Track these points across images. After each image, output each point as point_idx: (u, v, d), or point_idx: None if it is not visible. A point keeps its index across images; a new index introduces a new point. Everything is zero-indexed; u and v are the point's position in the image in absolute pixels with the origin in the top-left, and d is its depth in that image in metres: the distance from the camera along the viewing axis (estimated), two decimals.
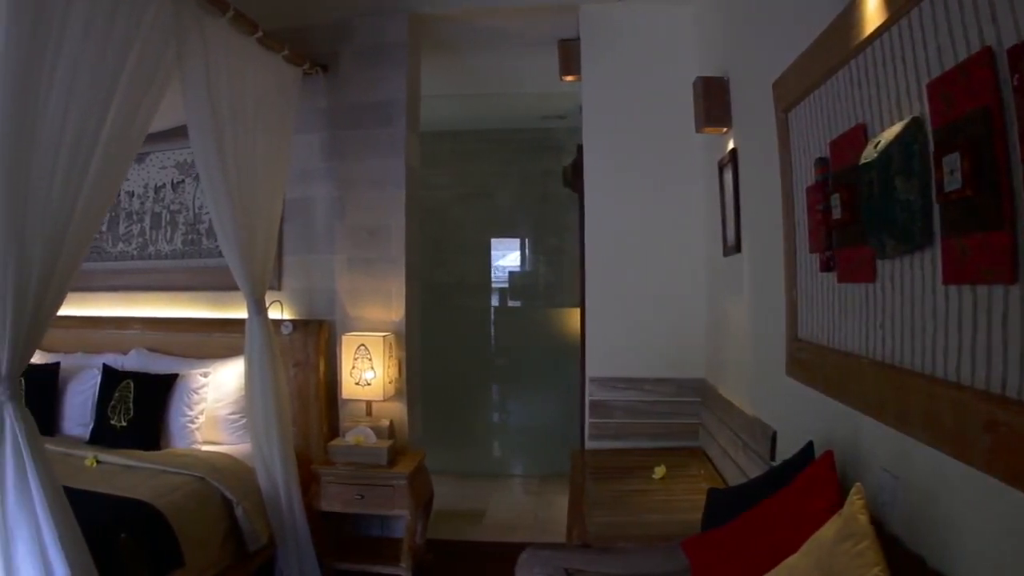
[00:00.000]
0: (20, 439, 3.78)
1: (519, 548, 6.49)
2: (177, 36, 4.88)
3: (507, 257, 11.51)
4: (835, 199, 3.31)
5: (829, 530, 2.62)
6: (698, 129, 5.84)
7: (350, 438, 6.57)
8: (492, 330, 10.95)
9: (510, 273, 11.46)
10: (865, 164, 2.93)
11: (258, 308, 6.18)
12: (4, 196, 3.59)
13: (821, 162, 3.58)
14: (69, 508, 3.93)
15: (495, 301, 11.41)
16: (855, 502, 2.56)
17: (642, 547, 4.08)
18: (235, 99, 5.63)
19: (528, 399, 10.55)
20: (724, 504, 3.82)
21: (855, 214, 3.13)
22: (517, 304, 11.45)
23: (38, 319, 3.91)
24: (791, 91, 4.03)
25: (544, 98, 9.65)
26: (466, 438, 10.21)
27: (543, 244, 11.26)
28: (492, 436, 10.88)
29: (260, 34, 5.88)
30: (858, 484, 2.65)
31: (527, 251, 11.48)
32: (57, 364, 7.08)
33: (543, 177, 10.88)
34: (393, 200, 7.01)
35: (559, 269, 11.06)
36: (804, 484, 3.18)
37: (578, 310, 9.15)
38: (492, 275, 11.37)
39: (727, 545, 3.34)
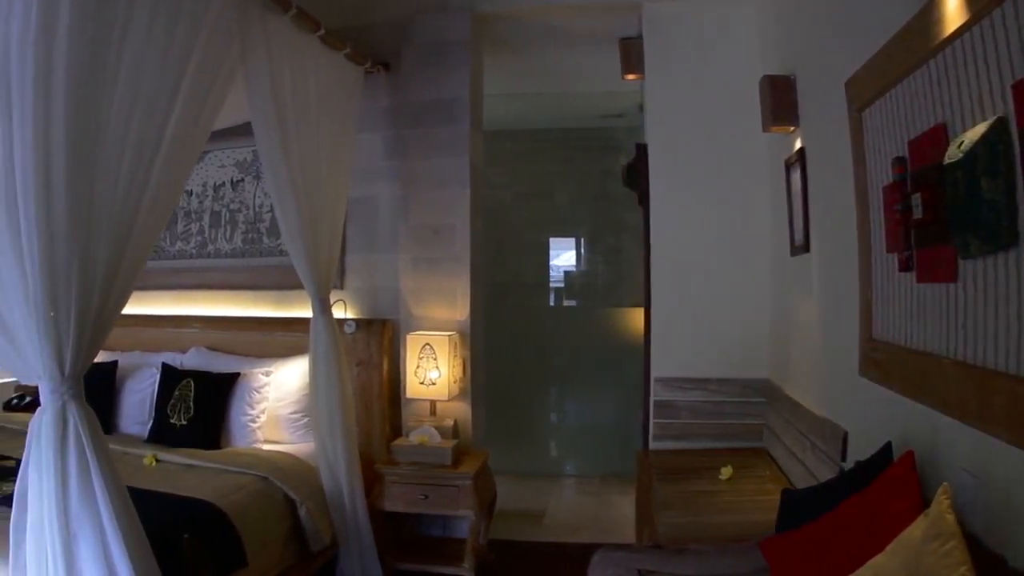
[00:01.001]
0: (84, 438, 3.78)
1: (581, 548, 6.51)
2: (240, 33, 4.92)
3: (561, 256, 11.51)
4: (915, 199, 3.28)
5: (916, 530, 2.61)
6: (765, 128, 5.80)
7: (414, 438, 6.59)
8: (550, 330, 10.89)
9: (565, 273, 11.45)
10: (950, 164, 2.90)
11: (323, 307, 6.22)
12: (69, 196, 3.60)
13: (899, 161, 3.54)
14: (133, 508, 3.93)
15: (552, 300, 11.41)
16: (942, 502, 2.54)
17: (715, 548, 4.07)
18: (298, 97, 5.67)
19: (586, 399, 10.52)
20: (799, 505, 3.79)
21: (936, 214, 3.11)
22: (572, 304, 11.45)
23: (102, 319, 3.92)
24: (865, 90, 4.00)
25: (603, 97, 9.66)
26: (524, 438, 10.18)
27: (601, 243, 11.21)
28: (550, 436, 10.84)
29: (322, 32, 5.91)
30: (945, 484, 2.63)
31: (582, 250, 11.47)
32: (115, 362, 7.14)
33: (601, 176, 10.86)
34: (458, 199, 7.05)
35: (618, 269, 11.01)
36: (885, 485, 3.15)
37: (638, 310, 9.10)
38: (550, 274, 11.37)
39: (808, 546, 3.32)
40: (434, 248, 7.09)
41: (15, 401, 8.09)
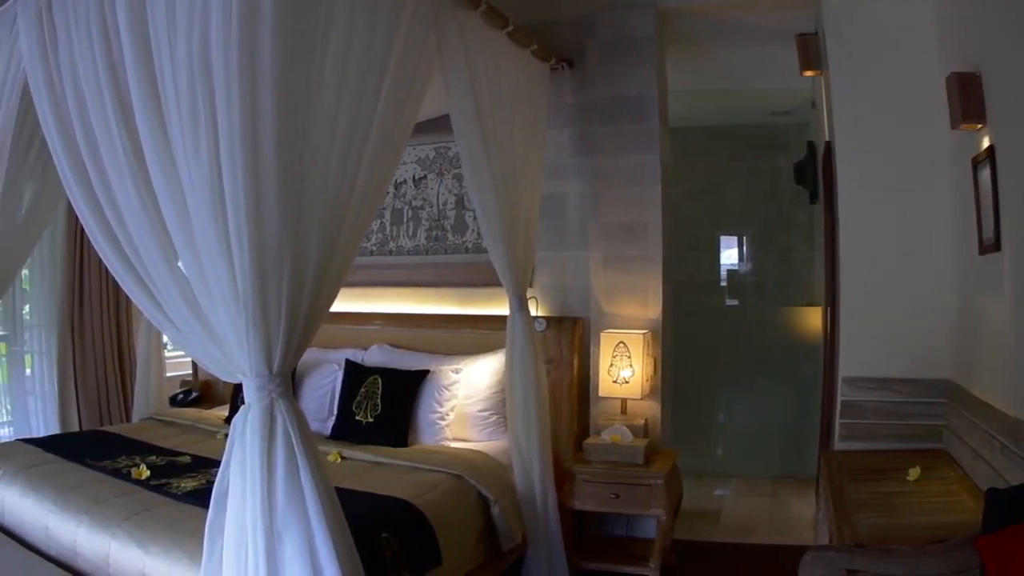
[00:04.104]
0: (292, 435, 3.79)
1: (759, 549, 6.52)
2: (436, 29, 4.97)
3: (724, 254, 11.53)
4: None
5: None
6: (953, 126, 5.71)
7: (606, 436, 6.60)
8: (721, 328, 10.79)
9: (729, 271, 11.46)
10: None
11: (520, 304, 6.27)
12: (281, 193, 3.65)
13: None
14: (340, 508, 3.94)
15: (722, 299, 11.41)
16: None
17: (915, 549, 4.06)
18: (493, 93, 5.71)
19: (757, 399, 10.39)
20: (1007, 503, 3.79)
21: None
22: (734, 303, 11.48)
23: (312, 317, 3.95)
24: None
25: (773, 93, 9.65)
26: (696, 437, 10.03)
27: (771, 242, 11.20)
28: (720, 436, 10.74)
29: (510, 28, 5.96)
30: None
31: (746, 248, 11.46)
32: None
33: (771, 174, 10.86)
34: (649, 197, 7.09)
35: (788, 267, 10.98)
36: None
37: (811, 309, 9.12)
38: (721, 273, 11.36)
39: None
40: (626, 246, 7.13)
41: (180, 396, 8.40)
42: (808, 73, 7.37)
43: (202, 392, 8.63)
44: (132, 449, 6.28)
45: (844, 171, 6.69)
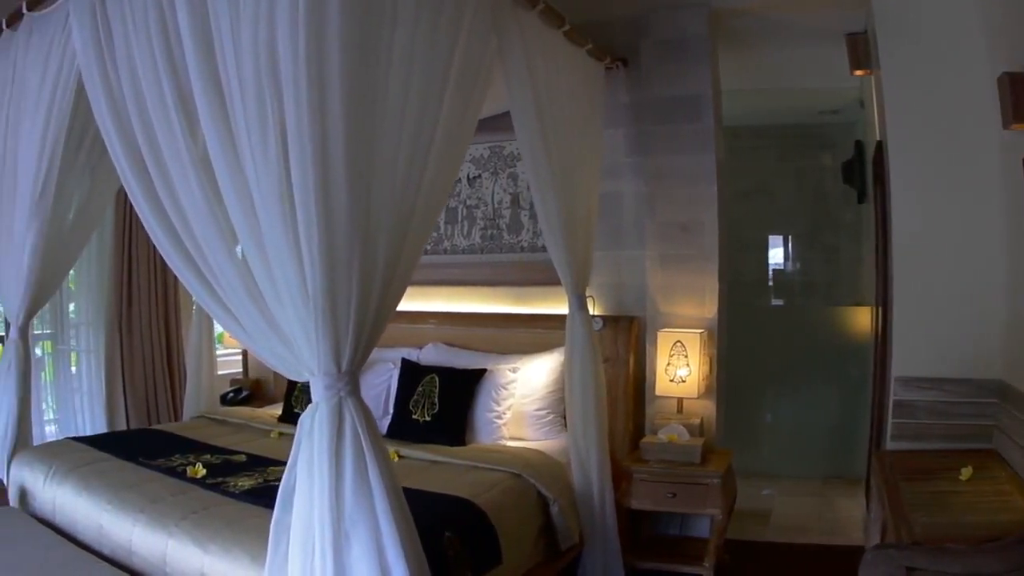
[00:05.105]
0: (361, 435, 3.78)
1: (811, 549, 6.48)
2: (496, 28, 4.96)
3: (770, 253, 11.51)
4: None
5: None
6: (1005, 126, 5.70)
7: (663, 435, 6.60)
8: (769, 328, 10.70)
9: (775, 271, 11.43)
10: None
11: (580, 303, 6.26)
12: (350, 193, 3.63)
13: None
14: (407, 507, 3.91)
15: (769, 299, 11.40)
16: None
17: (971, 547, 4.09)
18: (551, 92, 5.70)
19: (804, 399, 10.36)
20: None
21: None
22: (780, 303, 11.49)
23: (380, 315, 3.96)
24: None
25: (821, 93, 9.62)
26: (744, 437, 9.95)
27: (819, 241, 11.18)
28: (768, 436, 10.67)
29: (567, 27, 5.95)
30: None
31: (793, 248, 11.44)
32: None
33: (818, 173, 10.85)
34: (705, 196, 7.11)
35: (836, 267, 10.96)
36: None
37: (859, 309, 9.10)
38: (768, 272, 11.34)
39: None
40: (683, 245, 7.15)
41: (230, 395, 8.45)
42: (858, 73, 7.38)
43: (253, 390, 8.68)
44: (186, 447, 6.31)
45: (896, 170, 6.66)
